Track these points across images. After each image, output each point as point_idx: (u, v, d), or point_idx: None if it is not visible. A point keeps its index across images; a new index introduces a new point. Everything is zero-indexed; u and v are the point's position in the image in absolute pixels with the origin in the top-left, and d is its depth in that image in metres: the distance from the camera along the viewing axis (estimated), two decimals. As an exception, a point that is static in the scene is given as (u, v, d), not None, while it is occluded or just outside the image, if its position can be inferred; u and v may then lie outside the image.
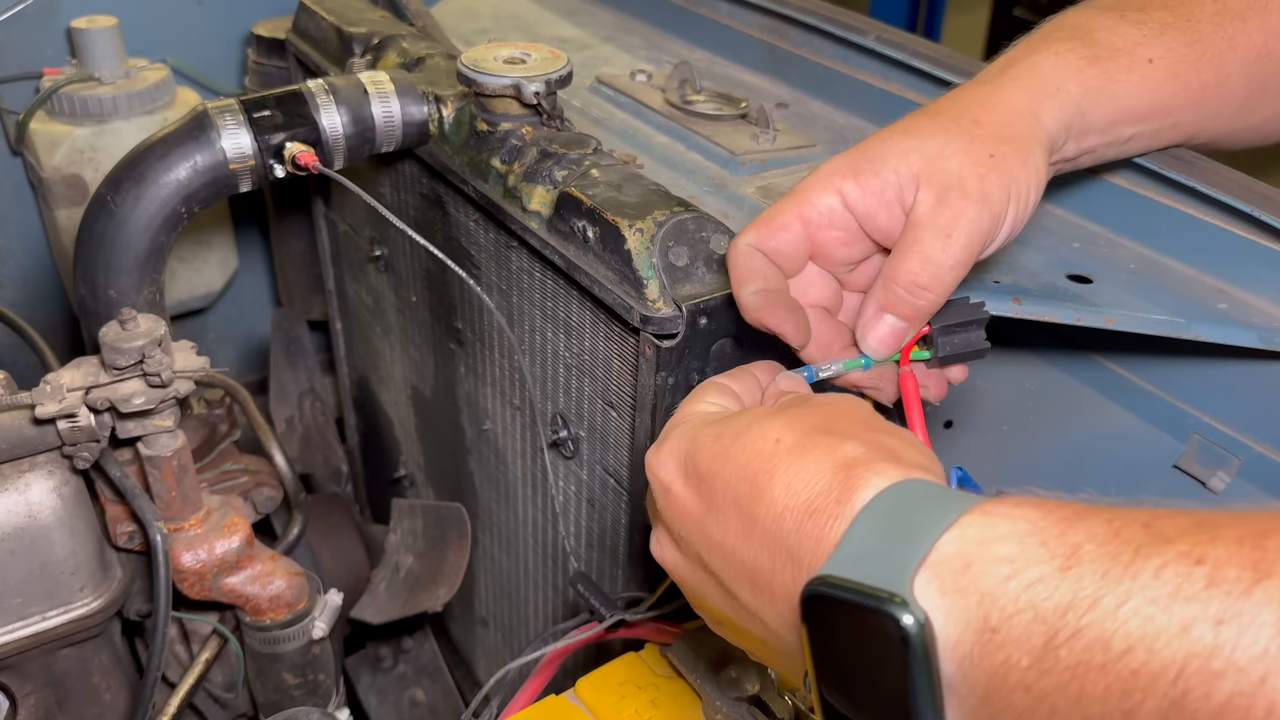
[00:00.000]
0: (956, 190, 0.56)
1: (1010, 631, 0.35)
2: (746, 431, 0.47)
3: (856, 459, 0.43)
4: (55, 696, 0.85)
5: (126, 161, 0.84)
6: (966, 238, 0.55)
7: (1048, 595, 0.34)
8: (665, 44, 1.17)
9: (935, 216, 0.56)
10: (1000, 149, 0.57)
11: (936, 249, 0.55)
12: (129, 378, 0.77)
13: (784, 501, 0.43)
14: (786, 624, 0.44)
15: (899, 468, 0.42)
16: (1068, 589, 0.34)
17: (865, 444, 0.44)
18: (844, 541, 0.41)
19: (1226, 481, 0.74)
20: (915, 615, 0.37)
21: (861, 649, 0.39)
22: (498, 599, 1.12)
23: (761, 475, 0.45)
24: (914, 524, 0.39)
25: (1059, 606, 0.34)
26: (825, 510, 0.42)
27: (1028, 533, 0.37)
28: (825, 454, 0.44)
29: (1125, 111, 0.65)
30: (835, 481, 0.43)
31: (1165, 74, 0.65)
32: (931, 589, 0.37)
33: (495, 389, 0.96)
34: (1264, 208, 0.69)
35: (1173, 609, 0.32)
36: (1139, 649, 0.32)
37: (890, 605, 0.37)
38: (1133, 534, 0.34)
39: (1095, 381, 0.83)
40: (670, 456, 0.51)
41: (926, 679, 0.37)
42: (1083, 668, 0.33)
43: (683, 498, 0.50)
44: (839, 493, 0.42)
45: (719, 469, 0.47)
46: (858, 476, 0.42)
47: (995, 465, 0.93)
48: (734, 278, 0.59)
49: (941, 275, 0.56)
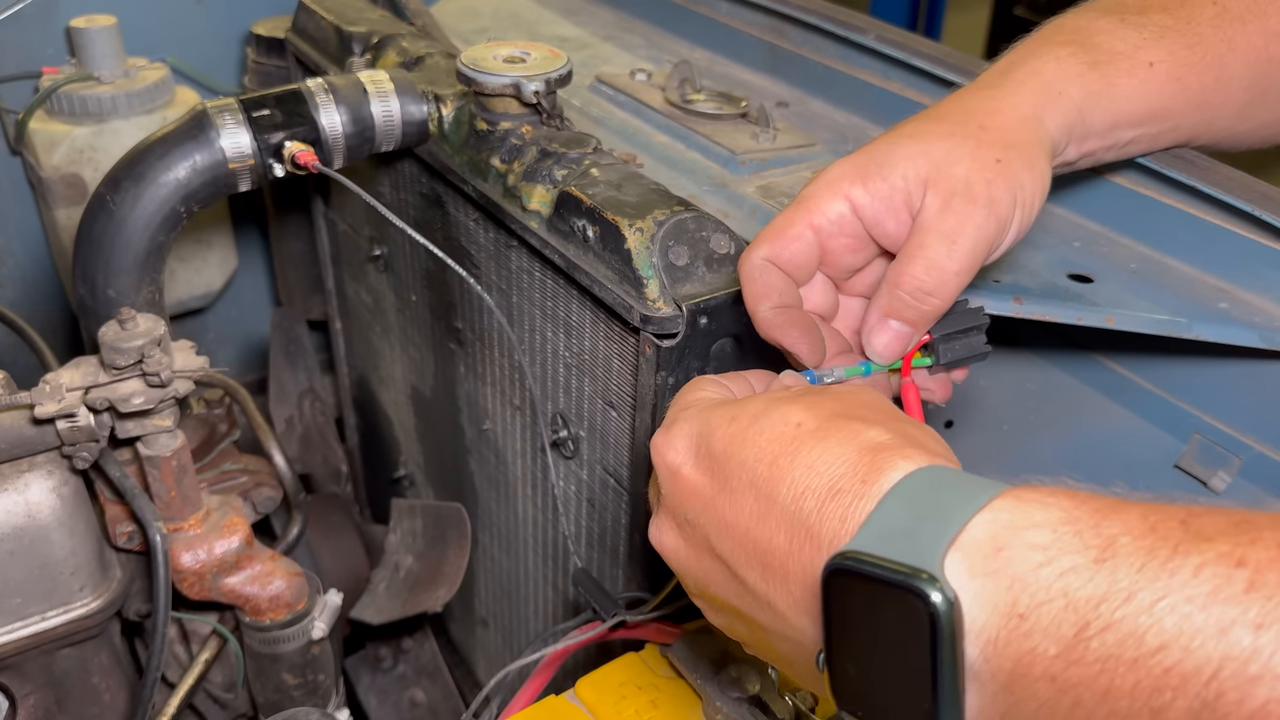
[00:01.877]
0: (963, 195, 0.56)
1: (1039, 619, 0.35)
2: (765, 414, 0.47)
3: (882, 444, 0.43)
4: (55, 696, 0.85)
5: (126, 161, 0.84)
6: (972, 243, 0.55)
7: (1081, 585, 0.34)
8: (665, 43, 1.17)
9: (941, 222, 0.56)
10: (1007, 154, 0.57)
11: (942, 254, 0.55)
12: (128, 377, 0.77)
13: (805, 482, 0.43)
14: (799, 607, 0.44)
15: (925, 454, 0.42)
16: (1102, 580, 0.34)
17: (890, 430, 0.44)
18: (870, 521, 0.40)
19: (1228, 481, 0.74)
20: (945, 593, 0.36)
21: (884, 627, 0.38)
22: (498, 599, 1.12)
23: (782, 457, 0.45)
24: (944, 506, 0.39)
25: (1092, 597, 0.34)
26: (850, 491, 0.42)
27: (1062, 520, 0.36)
28: (849, 438, 0.44)
29: (1125, 115, 0.65)
30: (861, 463, 0.42)
31: (1165, 77, 0.65)
32: (961, 570, 0.37)
33: (495, 389, 0.96)
34: (1265, 207, 0.69)
35: (1211, 609, 0.31)
36: (1173, 647, 0.32)
37: (919, 582, 0.36)
38: (1170, 530, 0.34)
39: (1096, 381, 0.83)
40: (681, 438, 0.50)
41: (951, 661, 0.36)
42: (1113, 661, 0.33)
43: (692, 479, 0.49)
44: (865, 474, 0.42)
45: (734, 450, 0.47)
46: (884, 460, 0.42)
47: (996, 465, 0.93)
48: (749, 293, 0.59)
49: (946, 281, 0.56)
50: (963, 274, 0.56)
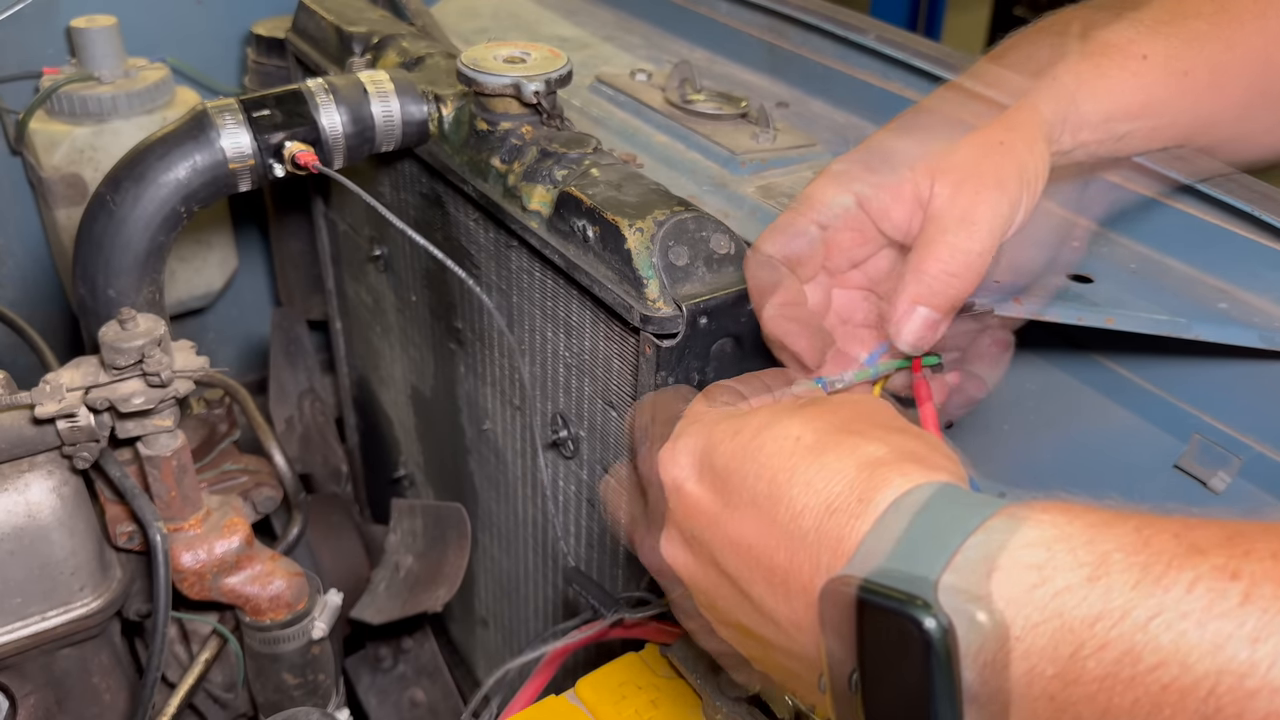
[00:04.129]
0: (973, 179, 0.56)
1: (1035, 640, 0.35)
2: (766, 429, 0.47)
3: (879, 459, 0.43)
4: (55, 696, 0.85)
5: (126, 161, 0.84)
6: (989, 223, 0.56)
7: (1075, 605, 0.34)
8: (665, 43, 1.17)
9: (954, 206, 0.56)
10: (1008, 136, 0.58)
11: (963, 237, 0.56)
12: (128, 377, 0.77)
13: (803, 500, 0.43)
14: (800, 625, 0.43)
15: (922, 469, 0.42)
16: (1097, 599, 0.34)
17: (888, 445, 0.44)
18: (865, 541, 0.40)
19: (1227, 481, 0.74)
20: (939, 620, 0.36)
21: (881, 651, 0.38)
22: (498, 599, 1.12)
23: (781, 473, 0.44)
24: (938, 527, 0.38)
25: (1087, 617, 0.34)
26: (846, 509, 0.41)
27: (1055, 539, 0.36)
28: (847, 453, 0.43)
29: (1119, 107, 0.65)
30: (858, 481, 0.42)
31: (1160, 70, 0.65)
32: (955, 593, 0.37)
33: (495, 389, 0.96)
34: (1265, 207, 0.69)
35: (1206, 625, 0.31)
36: (1171, 664, 0.31)
37: (913, 609, 0.36)
38: (1163, 544, 0.34)
39: (1096, 381, 0.83)
40: (685, 454, 0.50)
41: (948, 685, 0.36)
42: (1110, 680, 0.33)
43: (695, 495, 0.49)
44: (861, 492, 0.41)
45: (736, 466, 0.47)
46: (881, 476, 0.42)
47: (995, 465, 0.92)
48: (754, 289, 0.59)
49: (971, 262, 0.56)
50: (985, 254, 0.57)
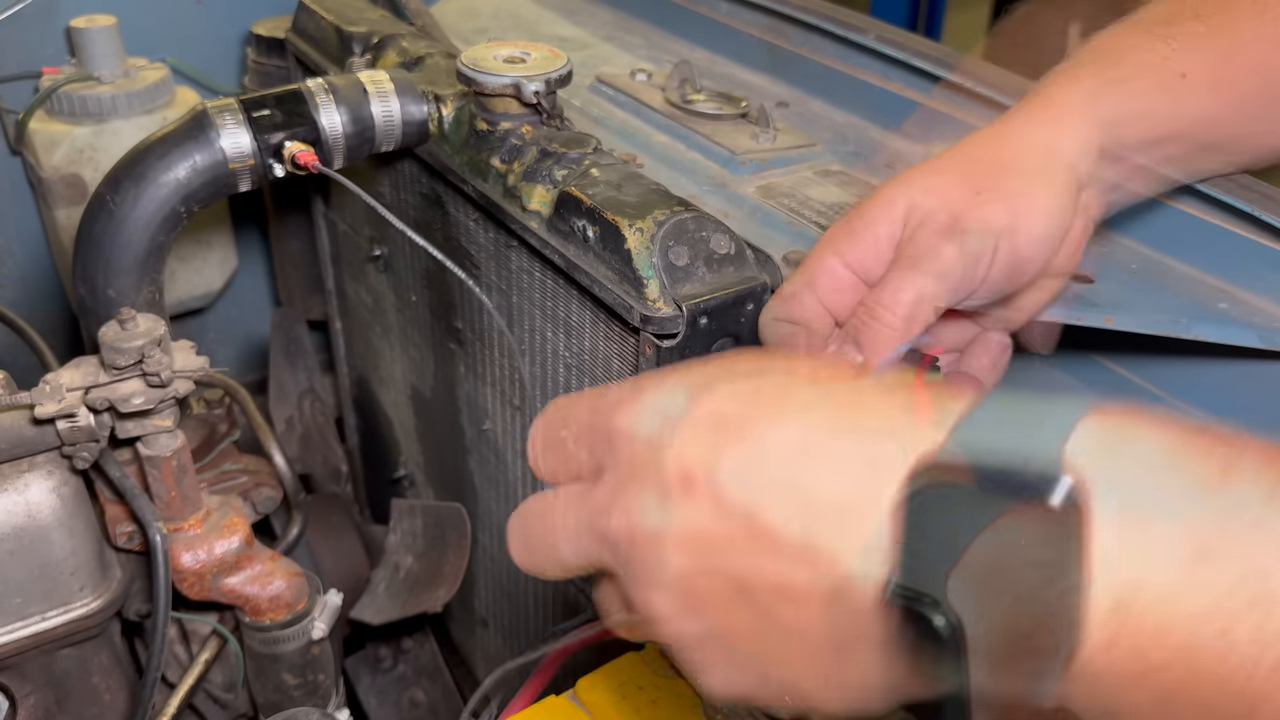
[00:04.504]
0: (928, 226, 0.57)
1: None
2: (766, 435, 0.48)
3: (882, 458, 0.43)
4: (55, 697, 0.85)
5: (126, 161, 0.84)
6: (932, 272, 0.56)
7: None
8: (665, 43, 1.17)
9: (905, 249, 0.58)
10: (993, 183, 0.58)
11: (895, 279, 0.57)
12: (128, 378, 0.77)
13: (805, 500, 0.43)
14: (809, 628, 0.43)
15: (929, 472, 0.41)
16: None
17: (894, 440, 0.43)
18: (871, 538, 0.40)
19: (1227, 481, 0.74)
20: (949, 618, 0.36)
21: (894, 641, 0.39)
22: (498, 599, 1.12)
23: (788, 473, 0.45)
24: (950, 520, 0.38)
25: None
26: (852, 509, 0.41)
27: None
28: (850, 454, 0.43)
29: (1163, 128, 0.64)
30: (860, 480, 0.41)
31: (1201, 87, 0.63)
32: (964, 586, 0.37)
33: (495, 389, 0.96)
34: (1265, 207, 0.69)
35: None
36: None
37: (922, 606, 0.36)
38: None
39: (1096, 381, 0.83)
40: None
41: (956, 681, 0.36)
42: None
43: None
44: (866, 488, 0.41)
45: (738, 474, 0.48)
46: (885, 474, 0.41)
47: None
48: (775, 344, 0.62)
49: (897, 308, 0.56)
50: (921, 302, 0.56)
